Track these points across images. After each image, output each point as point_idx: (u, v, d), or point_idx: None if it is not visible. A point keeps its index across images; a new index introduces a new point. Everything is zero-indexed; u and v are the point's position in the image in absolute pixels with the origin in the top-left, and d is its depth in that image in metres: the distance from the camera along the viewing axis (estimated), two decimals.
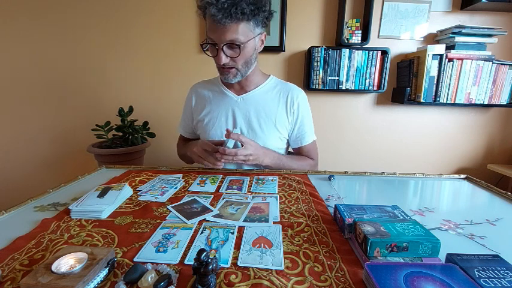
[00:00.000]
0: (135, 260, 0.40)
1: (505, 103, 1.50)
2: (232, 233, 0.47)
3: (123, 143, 1.43)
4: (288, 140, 0.99)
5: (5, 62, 1.61)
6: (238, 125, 0.92)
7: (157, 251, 0.42)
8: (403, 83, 1.56)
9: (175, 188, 0.70)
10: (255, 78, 0.93)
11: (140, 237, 0.47)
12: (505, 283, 0.33)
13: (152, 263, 0.38)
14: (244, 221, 0.52)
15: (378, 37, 1.57)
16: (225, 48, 0.76)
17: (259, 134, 0.90)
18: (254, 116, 0.91)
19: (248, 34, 0.77)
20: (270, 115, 0.92)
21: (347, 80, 1.52)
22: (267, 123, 0.92)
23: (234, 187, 0.71)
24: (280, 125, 0.93)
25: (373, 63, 1.49)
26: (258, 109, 0.92)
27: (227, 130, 0.78)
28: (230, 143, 0.78)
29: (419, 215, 0.58)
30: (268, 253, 0.42)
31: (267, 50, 1.55)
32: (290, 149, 1.06)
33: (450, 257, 0.38)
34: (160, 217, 0.54)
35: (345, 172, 0.83)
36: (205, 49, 0.83)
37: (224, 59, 0.78)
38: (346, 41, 1.50)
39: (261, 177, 0.78)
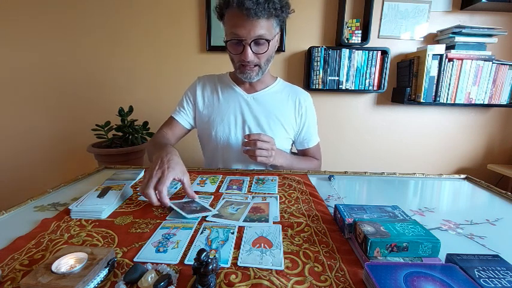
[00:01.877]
0: (135, 260, 0.40)
1: (505, 103, 1.50)
2: (232, 233, 0.47)
3: (123, 143, 1.43)
4: (293, 141, 1.00)
5: (5, 61, 1.61)
6: (247, 123, 0.92)
7: (157, 251, 0.42)
8: (403, 83, 1.56)
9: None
10: (265, 78, 0.94)
11: (140, 237, 0.47)
12: (505, 283, 0.33)
13: (152, 263, 0.38)
14: (244, 221, 0.52)
15: (378, 37, 1.57)
16: (252, 44, 0.77)
17: (268, 134, 0.89)
18: (264, 116, 0.92)
19: (272, 31, 0.79)
20: (279, 116, 0.93)
21: (347, 80, 1.52)
22: (276, 124, 0.92)
23: (234, 187, 0.71)
24: (288, 126, 0.94)
25: (373, 63, 1.49)
26: (268, 109, 0.92)
27: (245, 136, 0.79)
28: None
29: (419, 215, 0.58)
30: (268, 253, 0.42)
31: None
32: (293, 149, 1.06)
33: (450, 257, 0.38)
34: (160, 217, 0.54)
35: (345, 172, 0.83)
36: (227, 46, 0.81)
37: (251, 55, 0.78)
38: (346, 41, 1.50)
39: (261, 177, 0.78)
